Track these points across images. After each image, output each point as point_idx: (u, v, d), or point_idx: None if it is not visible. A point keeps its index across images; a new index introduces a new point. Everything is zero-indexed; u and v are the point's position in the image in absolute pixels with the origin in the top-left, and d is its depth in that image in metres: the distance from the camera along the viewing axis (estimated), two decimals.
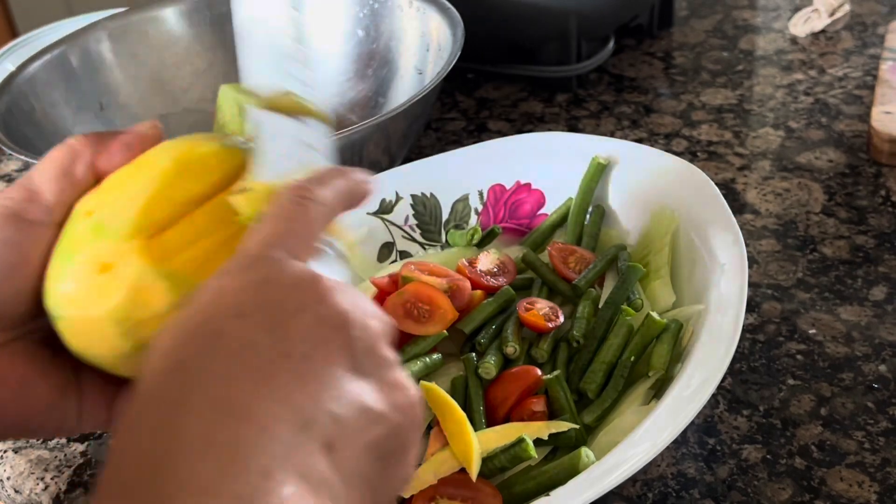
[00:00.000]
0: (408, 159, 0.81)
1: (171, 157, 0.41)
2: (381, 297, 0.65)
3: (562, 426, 0.54)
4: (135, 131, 0.42)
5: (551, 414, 0.56)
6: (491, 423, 0.56)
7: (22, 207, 0.40)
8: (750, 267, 0.70)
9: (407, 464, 0.34)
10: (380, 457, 0.33)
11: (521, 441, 0.52)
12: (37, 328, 0.42)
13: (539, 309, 0.60)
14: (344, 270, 0.39)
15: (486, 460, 0.53)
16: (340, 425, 0.31)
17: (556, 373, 0.57)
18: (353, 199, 0.39)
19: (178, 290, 0.38)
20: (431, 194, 0.72)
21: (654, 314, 0.58)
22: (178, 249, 0.39)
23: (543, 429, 0.54)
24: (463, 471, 0.53)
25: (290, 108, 0.43)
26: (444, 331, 0.59)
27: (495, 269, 0.66)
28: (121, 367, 0.40)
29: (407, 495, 0.52)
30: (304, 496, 0.29)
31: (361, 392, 0.32)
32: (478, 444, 0.53)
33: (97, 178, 0.41)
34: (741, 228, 0.60)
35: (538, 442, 0.54)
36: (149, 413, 0.30)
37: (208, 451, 0.28)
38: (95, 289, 0.39)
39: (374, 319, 0.34)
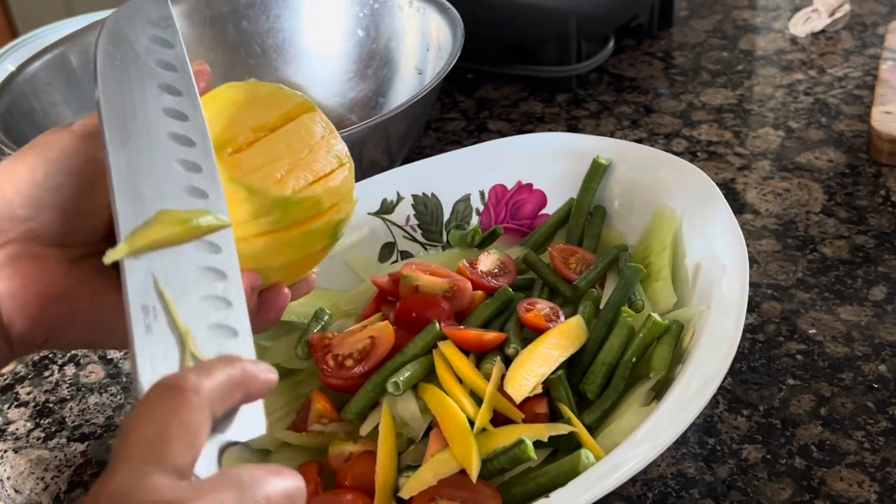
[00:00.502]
0: (408, 159, 0.81)
1: (242, 90, 0.46)
2: (381, 297, 0.65)
3: (561, 429, 0.54)
4: (195, 68, 0.46)
5: (552, 415, 0.56)
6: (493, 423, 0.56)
7: (98, 129, 0.43)
8: (750, 267, 0.70)
9: None
10: None
11: (520, 443, 0.52)
12: (107, 247, 0.44)
13: (540, 309, 0.60)
14: (256, 417, 0.36)
15: (486, 461, 0.53)
16: None
17: (559, 373, 0.57)
18: (249, 391, 0.36)
19: (254, 200, 0.44)
20: (433, 194, 0.72)
21: (656, 315, 0.58)
22: (255, 167, 0.44)
23: (543, 431, 0.54)
24: (463, 472, 0.53)
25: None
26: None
27: (496, 270, 0.66)
28: None
29: (407, 497, 0.52)
30: None
31: None
32: (477, 445, 0.53)
33: None
34: (741, 228, 0.60)
35: (538, 444, 0.54)
36: None
37: None
38: None
39: None
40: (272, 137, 0.45)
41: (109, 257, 0.39)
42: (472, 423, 0.55)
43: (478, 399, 0.56)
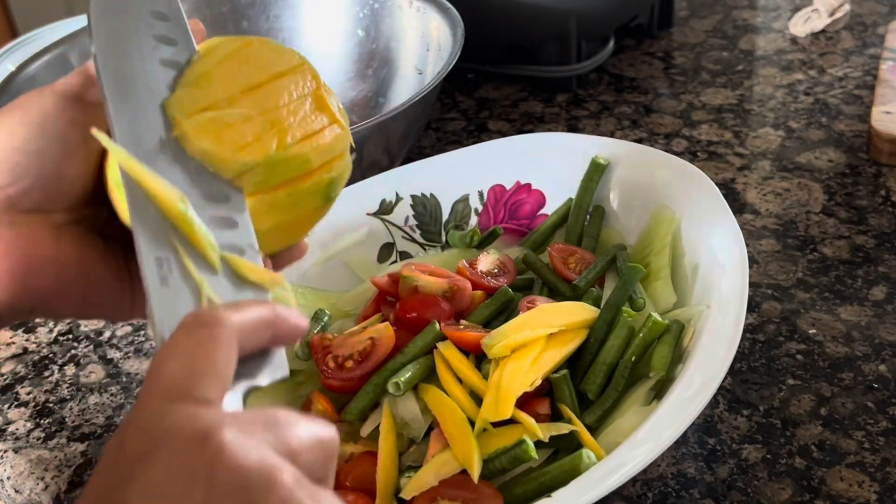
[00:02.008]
0: (408, 159, 0.81)
1: (234, 48, 0.45)
2: (380, 298, 0.65)
3: (562, 428, 0.54)
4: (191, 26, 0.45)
5: (553, 415, 0.56)
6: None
7: (83, 90, 0.42)
8: (750, 267, 0.70)
9: None
10: None
11: (521, 442, 0.52)
12: (93, 214, 0.44)
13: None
14: (280, 362, 0.37)
15: (487, 461, 0.53)
16: None
17: (562, 372, 0.57)
18: (279, 334, 0.36)
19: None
20: (431, 195, 0.72)
21: (656, 315, 0.58)
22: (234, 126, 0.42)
23: (544, 430, 0.54)
24: (464, 472, 0.53)
25: None
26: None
27: (495, 270, 0.66)
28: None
29: (409, 497, 0.52)
30: None
31: None
32: (478, 445, 0.53)
33: None
34: (741, 228, 0.60)
35: (540, 443, 0.54)
36: None
37: None
38: None
39: (285, 473, 0.31)
40: (258, 93, 0.44)
41: (121, 213, 0.39)
42: (472, 422, 0.55)
43: (478, 399, 0.56)
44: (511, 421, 0.55)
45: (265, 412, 0.33)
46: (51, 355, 0.73)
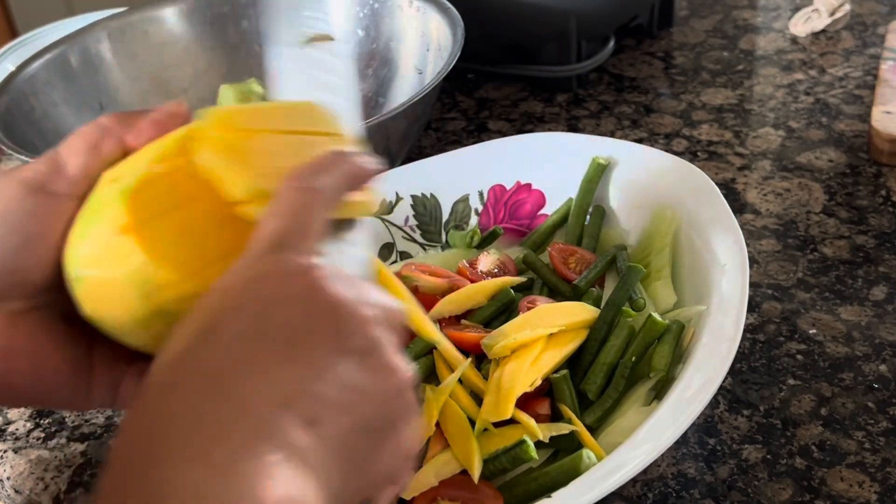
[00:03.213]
0: (408, 159, 0.81)
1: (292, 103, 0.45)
2: None
3: (562, 428, 0.54)
4: (164, 109, 0.43)
5: (554, 416, 0.56)
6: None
7: (46, 179, 0.42)
8: (750, 267, 0.70)
9: (399, 442, 0.36)
10: (368, 434, 0.34)
11: (522, 443, 0.52)
12: (53, 301, 0.43)
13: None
14: (361, 251, 0.40)
15: (488, 461, 0.53)
16: (323, 403, 0.33)
17: (562, 372, 0.57)
18: (357, 180, 0.40)
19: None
20: (431, 195, 0.72)
21: (656, 315, 0.58)
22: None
23: (544, 431, 0.54)
24: (464, 472, 0.53)
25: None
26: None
27: (496, 270, 0.66)
28: (134, 335, 0.40)
29: (409, 497, 0.52)
30: (285, 465, 0.31)
31: (345, 373, 0.34)
32: (478, 445, 0.53)
33: (125, 154, 0.42)
34: (741, 228, 0.60)
35: (540, 444, 0.54)
36: (149, 397, 0.33)
37: (195, 426, 0.31)
38: (116, 250, 0.39)
39: (370, 307, 0.35)
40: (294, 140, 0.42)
41: (79, 304, 0.38)
42: (472, 422, 0.55)
43: (478, 399, 0.56)
44: (511, 421, 0.55)
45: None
46: None
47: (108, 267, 0.39)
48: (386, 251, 0.71)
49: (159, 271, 0.38)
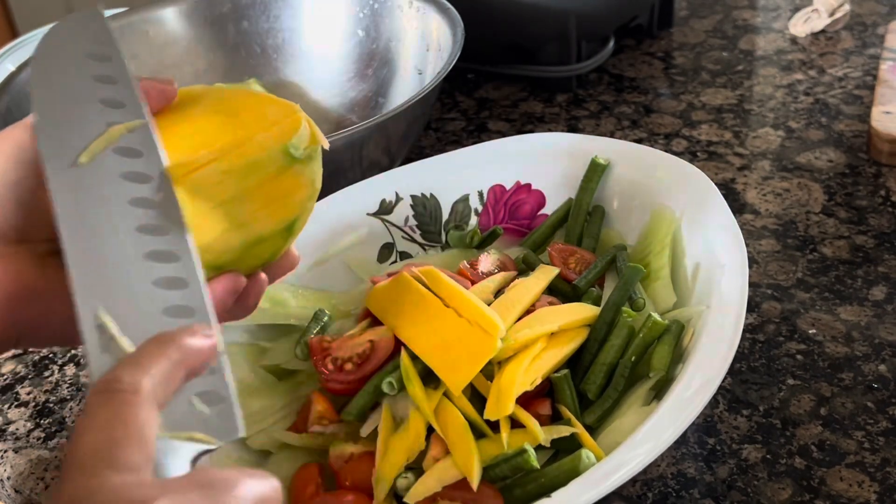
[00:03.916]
0: (408, 159, 0.81)
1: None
2: None
3: (563, 431, 0.54)
4: (154, 84, 0.44)
5: (554, 416, 0.56)
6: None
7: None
8: (750, 267, 0.70)
9: None
10: None
11: (523, 451, 0.52)
12: (48, 239, 0.43)
13: (539, 307, 0.60)
14: (232, 422, 0.35)
15: (488, 469, 0.53)
16: None
17: (563, 372, 0.57)
18: (191, 367, 0.35)
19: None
20: (431, 195, 0.72)
21: (656, 315, 0.58)
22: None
23: (545, 433, 0.54)
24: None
25: None
26: None
27: (496, 270, 0.66)
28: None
29: (411, 501, 0.52)
30: None
31: None
32: (479, 453, 0.53)
33: None
34: (741, 228, 0.60)
35: (540, 444, 0.54)
36: None
37: None
38: None
39: None
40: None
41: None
42: (472, 426, 0.55)
43: (478, 399, 0.56)
44: (512, 425, 0.55)
45: (200, 474, 0.32)
46: (51, 355, 0.73)
47: None
48: (386, 251, 0.71)
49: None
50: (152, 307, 0.37)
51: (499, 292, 0.62)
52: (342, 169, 0.75)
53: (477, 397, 0.56)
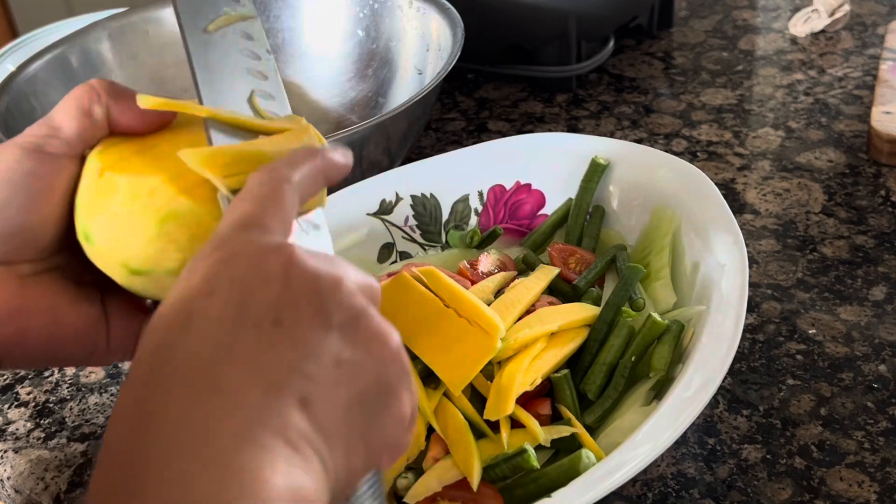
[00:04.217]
0: (408, 159, 0.81)
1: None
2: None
3: (563, 431, 0.54)
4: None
5: (555, 416, 0.56)
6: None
7: (44, 141, 0.43)
8: (750, 267, 0.70)
9: (397, 411, 0.35)
10: (364, 407, 0.34)
11: (523, 451, 0.52)
12: (65, 264, 0.45)
13: (539, 307, 0.60)
14: (324, 241, 0.40)
15: (488, 469, 0.53)
16: (314, 382, 0.32)
17: (564, 371, 0.57)
18: (329, 176, 0.40)
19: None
20: (431, 195, 0.72)
21: (656, 315, 0.58)
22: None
23: (545, 433, 0.54)
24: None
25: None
26: None
27: (496, 270, 0.66)
28: (152, 260, 0.42)
29: (412, 502, 0.52)
30: (284, 452, 0.30)
31: (335, 348, 0.34)
32: (479, 453, 0.53)
33: (111, 123, 0.44)
34: (741, 228, 0.60)
35: (540, 444, 0.54)
36: (131, 396, 0.32)
37: (182, 424, 0.30)
38: (105, 188, 0.42)
39: (348, 280, 0.35)
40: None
41: (93, 259, 0.40)
42: (472, 426, 0.55)
43: (478, 399, 0.56)
44: (512, 425, 0.55)
45: (328, 254, 0.38)
46: None
47: (108, 207, 0.42)
48: (386, 251, 0.71)
49: (148, 180, 0.41)
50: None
51: (499, 292, 0.62)
52: None
53: (477, 397, 0.56)
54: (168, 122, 0.44)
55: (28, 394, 0.69)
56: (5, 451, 0.65)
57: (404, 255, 0.72)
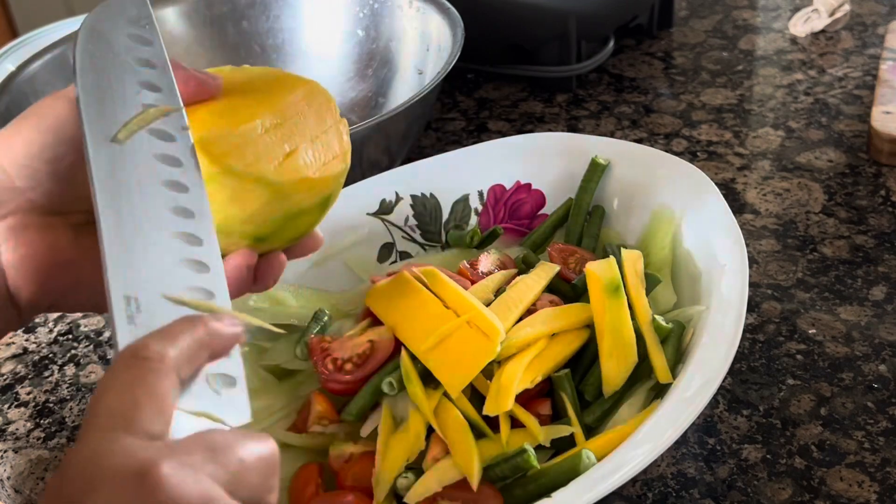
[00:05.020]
0: (408, 159, 0.81)
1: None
2: None
3: (562, 431, 0.54)
4: (199, 77, 0.48)
5: (555, 416, 0.56)
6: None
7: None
8: (750, 267, 0.70)
9: None
10: None
11: (523, 452, 0.52)
12: (83, 210, 0.46)
13: (541, 306, 0.60)
14: (238, 400, 0.36)
15: (488, 469, 0.53)
16: None
17: (564, 371, 0.57)
18: (215, 347, 0.36)
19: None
20: (431, 195, 0.72)
21: (660, 318, 0.57)
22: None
23: (545, 433, 0.54)
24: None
25: None
26: None
27: (496, 270, 0.66)
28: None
29: (412, 502, 0.52)
30: None
31: None
32: (479, 453, 0.53)
33: None
34: (741, 228, 0.60)
35: (540, 444, 0.54)
36: None
37: None
38: None
39: (222, 500, 0.31)
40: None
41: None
42: (472, 427, 0.55)
43: (478, 399, 0.56)
44: (512, 425, 0.55)
45: (204, 436, 0.33)
46: (51, 355, 0.73)
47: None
48: (386, 251, 0.71)
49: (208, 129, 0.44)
50: (177, 285, 0.38)
51: (499, 291, 0.62)
52: None
53: (477, 397, 0.56)
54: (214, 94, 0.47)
55: (28, 394, 0.69)
56: (5, 451, 0.65)
57: (404, 255, 0.72)
